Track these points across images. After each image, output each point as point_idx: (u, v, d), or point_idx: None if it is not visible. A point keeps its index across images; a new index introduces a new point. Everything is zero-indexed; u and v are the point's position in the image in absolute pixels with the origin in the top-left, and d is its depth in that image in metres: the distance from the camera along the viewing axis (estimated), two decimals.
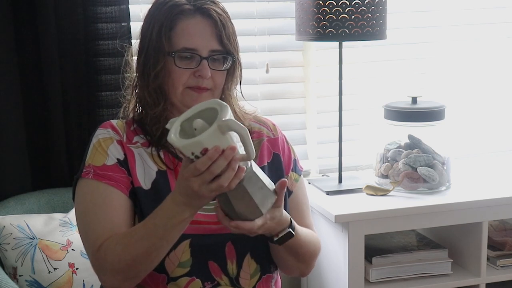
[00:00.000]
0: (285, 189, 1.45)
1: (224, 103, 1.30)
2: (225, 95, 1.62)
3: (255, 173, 1.36)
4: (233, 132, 1.27)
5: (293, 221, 1.52)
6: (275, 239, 1.50)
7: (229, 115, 1.27)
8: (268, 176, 1.53)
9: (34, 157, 2.33)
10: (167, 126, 1.31)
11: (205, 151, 1.26)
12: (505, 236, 2.53)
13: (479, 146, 2.96)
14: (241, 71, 1.62)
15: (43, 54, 2.26)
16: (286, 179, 1.44)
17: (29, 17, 2.24)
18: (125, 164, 1.54)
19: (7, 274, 2.04)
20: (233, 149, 1.27)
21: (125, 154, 1.55)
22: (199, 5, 1.53)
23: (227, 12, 1.58)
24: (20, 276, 2.06)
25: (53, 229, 2.13)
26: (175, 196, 1.36)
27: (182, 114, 1.32)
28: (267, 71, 2.59)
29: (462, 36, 2.88)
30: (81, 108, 2.33)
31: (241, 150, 1.29)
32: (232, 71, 1.59)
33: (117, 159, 1.54)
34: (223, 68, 1.57)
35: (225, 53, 1.55)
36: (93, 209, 1.50)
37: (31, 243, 2.08)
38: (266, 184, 1.37)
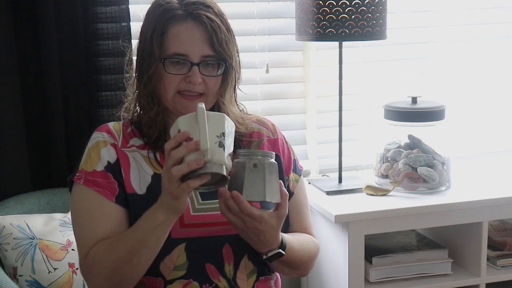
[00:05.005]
0: (287, 198, 1.47)
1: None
2: (219, 100, 1.59)
3: (276, 170, 1.43)
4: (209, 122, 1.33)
5: (284, 239, 1.53)
6: (264, 257, 1.51)
7: (215, 115, 1.33)
8: None
9: (34, 157, 2.33)
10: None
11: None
12: (505, 236, 2.53)
13: (479, 146, 2.95)
14: (236, 75, 1.59)
15: (43, 54, 2.26)
16: (287, 193, 1.47)
17: (29, 17, 2.24)
18: (115, 167, 1.54)
19: (7, 274, 2.04)
20: (195, 143, 1.31)
21: (117, 158, 1.55)
22: (190, 10, 1.52)
23: (222, 16, 1.55)
24: (20, 276, 2.06)
25: (53, 229, 2.13)
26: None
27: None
28: (267, 71, 2.59)
29: (462, 36, 2.88)
30: (81, 108, 2.33)
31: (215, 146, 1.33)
32: (226, 77, 1.57)
33: (108, 161, 1.54)
34: (216, 74, 1.54)
35: (218, 59, 1.53)
36: (81, 217, 1.52)
37: (31, 243, 2.08)
38: (278, 186, 1.44)
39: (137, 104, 1.61)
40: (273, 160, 1.45)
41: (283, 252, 1.51)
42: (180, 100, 1.54)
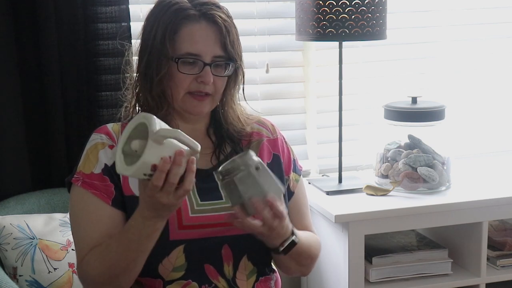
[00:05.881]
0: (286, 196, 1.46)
1: (149, 114, 1.29)
2: (226, 100, 1.62)
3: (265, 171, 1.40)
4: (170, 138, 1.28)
5: (294, 229, 1.53)
6: (281, 249, 1.50)
7: (157, 124, 1.26)
8: None
9: (34, 157, 2.33)
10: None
11: (154, 167, 1.27)
12: (505, 236, 2.53)
13: (479, 146, 2.95)
14: (243, 76, 1.62)
15: (43, 54, 2.26)
16: (273, 203, 1.42)
17: (29, 17, 2.24)
18: (112, 169, 1.53)
19: (7, 274, 2.04)
20: (181, 153, 1.28)
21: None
22: (204, 10, 1.53)
23: (231, 17, 1.57)
24: (20, 276, 2.06)
25: (53, 229, 2.13)
26: (143, 212, 1.37)
27: (119, 141, 1.32)
28: (267, 71, 2.59)
29: (462, 36, 2.87)
30: (81, 108, 2.33)
31: (184, 147, 1.30)
32: (234, 77, 1.59)
33: (105, 164, 1.54)
34: (224, 74, 1.56)
35: (228, 59, 1.55)
36: (79, 220, 1.53)
37: (31, 243, 2.08)
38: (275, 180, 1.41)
39: (137, 104, 1.61)
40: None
41: (296, 240, 1.51)
42: (189, 100, 1.54)
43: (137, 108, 1.62)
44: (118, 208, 1.52)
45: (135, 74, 1.62)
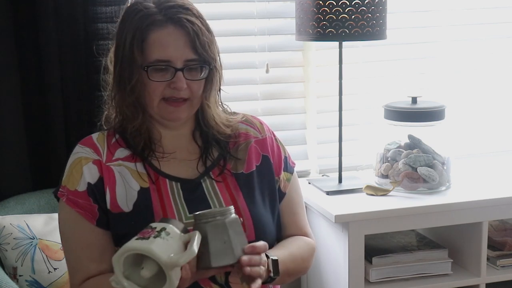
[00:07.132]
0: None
1: (146, 246, 1.30)
2: (203, 103, 1.57)
3: (226, 226, 1.38)
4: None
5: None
6: (271, 274, 1.47)
7: (163, 252, 1.30)
8: (258, 180, 1.52)
9: (34, 157, 2.33)
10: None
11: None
12: (505, 236, 2.53)
13: (479, 146, 2.95)
14: (220, 77, 1.58)
15: (43, 54, 2.26)
16: (254, 245, 1.41)
17: (29, 17, 2.24)
18: (95, 187, 1.52)
19: (7, 274, 2.04)
20: (186, 267, 1.34)
21: (100, 177, 1.53)
22: (170, 14, 1.48)
23: (202, 18, 1.52)
24: (20, 276, 2.06)
25: (53, 229, 2.13)
26: None
27: (115, 273, 1.33)
28: (267, 71, 2.59)
29: (462, 36, 2.87)
30: (81, 108, 2.33)
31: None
32: (210, 79, 1.54)
33: (88, 183, 1.52)
34: (199, 77, 1.52)
35: (201, 62, 1.51)
36: (69, 243, 1.53)
37: (31, 243, 2.08)
38: (232, 244, 1.39)
39: (118, 111, 1.57)
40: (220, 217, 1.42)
41: (275, 258, 1.48)
42: (165, 107, 1.52)
43: (117, 117, 1.57)
44: (103, 228, 1.52)
45: (112, 82, 1.58)
